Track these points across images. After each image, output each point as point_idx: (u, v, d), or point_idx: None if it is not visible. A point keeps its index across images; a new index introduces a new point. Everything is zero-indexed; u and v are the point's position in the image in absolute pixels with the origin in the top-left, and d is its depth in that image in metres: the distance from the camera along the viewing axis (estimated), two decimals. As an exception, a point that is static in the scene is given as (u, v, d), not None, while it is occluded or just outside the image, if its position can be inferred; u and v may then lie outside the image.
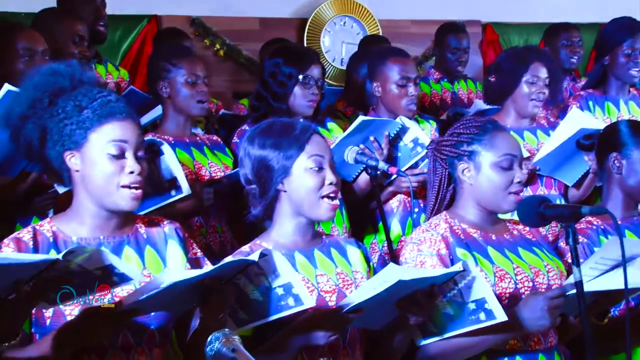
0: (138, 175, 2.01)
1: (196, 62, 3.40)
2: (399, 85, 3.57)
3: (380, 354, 2.35)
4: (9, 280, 1.65)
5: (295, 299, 2.07)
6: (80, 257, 1.71)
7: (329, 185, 2.25)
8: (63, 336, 1.88)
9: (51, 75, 2.04)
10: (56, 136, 2.02)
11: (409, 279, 2.04)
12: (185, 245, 2.20)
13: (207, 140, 3.45)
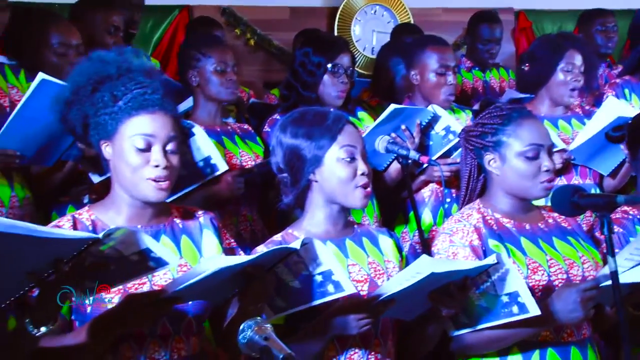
0: (164, 169, 2.01)
1: (225, 51, 3.41)
2: (438, 74, 3.55)
3: (412, 345, 2.34)
4: (50, 258, 1.65)
5: (335, 286, 2.07)
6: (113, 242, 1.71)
7: (362, 175, 2.25)
8: (103, 323, 1.90)
9: (99, 63, 2.05)
10: (94, 124, 2.04)
11: (441, 271, 2.03)
12: (220, 235, 2.21)
13: (238, 129, 3.46)
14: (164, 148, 2.03)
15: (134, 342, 2.01)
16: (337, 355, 2.22)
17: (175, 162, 2.04)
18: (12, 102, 2.92)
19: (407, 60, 3.70)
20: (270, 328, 1.61)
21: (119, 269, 1.78)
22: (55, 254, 1.65)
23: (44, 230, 1.61)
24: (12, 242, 1.54)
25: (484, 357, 2.36)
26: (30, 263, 1.64)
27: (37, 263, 1.65)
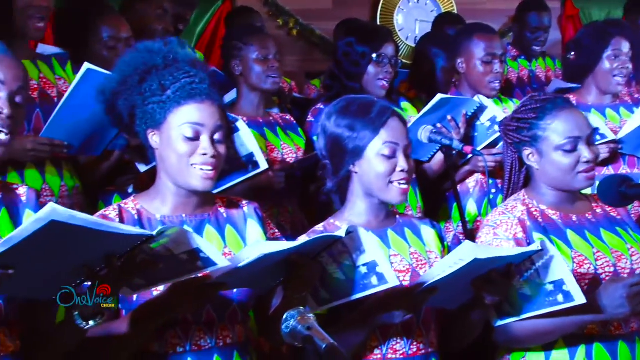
0: (212, 157, 2.02)
1: (267, 39, 3.43)
2: (484, 62, 3.51)
3: (454, 334, 2.33)
4: (103, 252, 1.68)
5: (379, 278, 2.06)
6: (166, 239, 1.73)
7: (400, 172, 2.23)
8: (149, 310, 1.93)
9: (146, 53, 2.07)
10: (141, 114, 2.06)
11: (484, 257, 2.01)
12: (264, 225, 2.22)
13: (280, 119, 3.47)
14: (212, 137, 2.04)
15: (180, 330, 2.03)
16: (379, 345, 2.22)
17: (222, 151, 2.06)
18: (59, 93, 2.96)
19: (454, 49, 3.67)
20: (313, 318, 1.61)
21: (168, 267, 1.80)
22: (109, 249, 1.68)
23: (102, 224, 1.63)
24: (71, 234, 1.57)
25: (528, 350, 2.34)
26: (84, 256, 1.67)
27: (90, 257, 1.68)
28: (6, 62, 1.86)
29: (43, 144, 2.76)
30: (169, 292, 1.90)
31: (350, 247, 2.05)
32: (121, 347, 1.95)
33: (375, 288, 2.07)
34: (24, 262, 1.60)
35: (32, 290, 1.73)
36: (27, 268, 1.62)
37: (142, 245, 1.70)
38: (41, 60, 3.00)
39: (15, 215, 1.92)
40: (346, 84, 3.42)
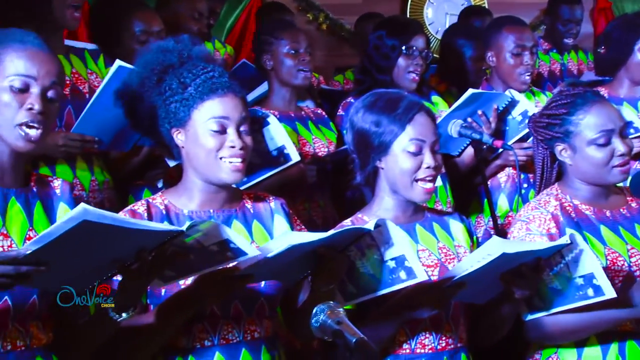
0: (240, 149, 2.03)
1: (298, 33, 3.43)
2: (514, 55, 3.49)
3: (484, 329, 2.32)
4: (134, 248, 1.71)
5: (407, 272, 2.06)
6: (199, 232, 1.75)
7: (426, 169, 2.22)
8: (177, 302, 1.94)
9: (160, 53, 2.09)
10: (163, 113, 2.07)
11: (513, 251, 2.00)
12: (291, 220, 2.22)
13: (312, 113, 3.47)
14: (238, 129, 2.05)
15: (208, 324, 2.04)
16: (408, 339, 2.22)
17: (249, 142, 2.07)
18: (91, 88, 2.98)
19: (484, 42, 3.64)
20: (343, 312, 1.62)
21: (198, 258, 1.82)
22: (140, 244, 1.70)
23: (133, 222, 1.67)
24: (103, 232, 1.60)
25: (560, 347, 2.32)
26: (115, 251, 1.70)
27: (122, 252, 1.71)
28: (40, 56, 1.85)
29: (74, 139, 2.79)
30: (197, 283, 1.91)
31: (378, 240, 2.05)
32: (150, 340, 1.97)
33: (403, 282, 2.07)
34: (56, 258, 1.63)
35: (65, 284, 1.76)
36: (59, 264, 1.65)
37: (173, 240, 1.72)
38: (74, 53, 3.02)
39: (50, 208, 1.94)
40: (377, 77, 3.42)
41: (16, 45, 1.83)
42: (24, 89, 1.82)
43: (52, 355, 1.91)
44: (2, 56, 1.82)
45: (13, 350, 1.82)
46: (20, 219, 1.87)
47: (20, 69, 1.82)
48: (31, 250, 1.59)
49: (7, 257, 1.60)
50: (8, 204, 1.87)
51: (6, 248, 1.83)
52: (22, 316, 1.83)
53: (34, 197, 1.92)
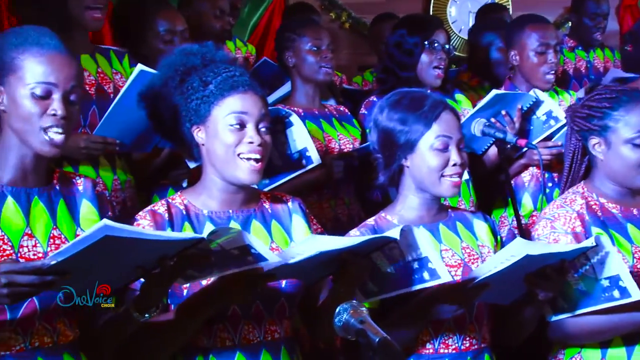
0: (258, 146, 2.03)
1: (320, 30, 3.42)
2: (538, 53, 3.46)
3: (508, 330, 2.31)
4: (156, 256, 1.73)
5: (431, 273, 2.06)
6: (223, 238, 1.76)
7: (453, 166, 2.21)
8: (200, 300, 1.96)
9: (184, 55, 2.10)
10: (184, 112, 2.08)
11: (537, 253, 1.99)
12: (309, 220, 2.23)
13: (335, 111, 3.47)
14: (257, 126, 2.05)
15: (229, 324, 2.04)
16: (431, 339, 2.21)
17: (268, 140, 2.07)
18: (116, 87, 3.00)
19: (507, 41, 3.62)
20: (366, 311, 1.62)
21: (220, 261, 1.83)
22: (163, 251, 1.73)
23: (153, 234, 1.71)
24: (124, 244, 1.63)
25: (583, 347, 2.30)
26: (138, 259, 1.73)
27: (144, 259, 1.74)
28: (59, 60, 1.85)
29: (96, 142, 2.81)
30: (220, 282, 1.92)
31: (402, 243, 2.04)
32: (171, 338, 1.98)
33: (426, 283, 2.07)
34: (79, 267, 1.66)
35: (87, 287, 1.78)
36: (82, 272, 1.68)
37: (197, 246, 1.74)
38: (100, 53, 3.04)
39: (73, 205, 1.96)
40: (400, 75, 3.42)
41: (34, 50, 1.83)
42: (45, 96, 1.82)
43: (79, 352, 1.93)
44: (21, 62, 1.82)
45: (41, 347, 1.84)
46: (44, 219, 1.89)
47: (40, 76, 1.82)
48: (55, 261, 1.62)
49: (32, 267, 1.63)
50: (31, 204, 1.89)
51: (31, 248, 1.85)
52: (48, 314, 1.85)
53: (57, 195, 1.93)
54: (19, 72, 1.82)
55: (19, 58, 1.82)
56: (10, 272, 1.61)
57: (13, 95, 1.82)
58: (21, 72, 1.82)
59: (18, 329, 1.81)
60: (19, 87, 1.82)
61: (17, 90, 1.82)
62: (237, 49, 4.44)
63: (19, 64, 1.82)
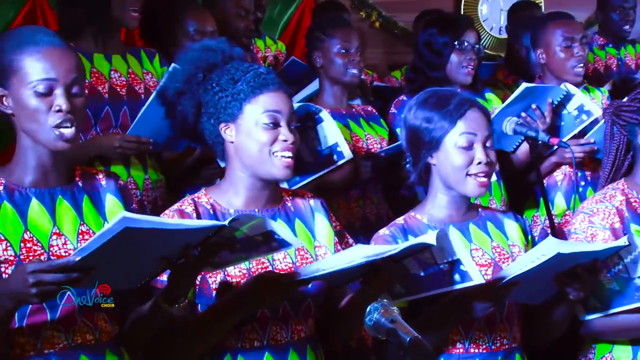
0: (291, 144, 2.05)
1: (349, 32, 3.41)
2: (564, 47, 3.44)
3: (539, 330, 2.29)
4: (179, 245, 1.74)
5: (461, 276, 2.05)
6: (246, 226, 1.77)
7: (478, 164, 2.20)
8: (233, 302, 1.96)
9: (204, 51, 2.11)
10: (211, 109, 2.09)
11: (569, 252, 1.97)
12: (330, 218, 2.23)
13: (363, 111, 3.47)
14: (289, 124, 2.07)
15: (257, 325, 2.05)
16: (461, 339, 2.20)
17: (298, 139, 2.09)
18: (146, 88, 3.02)
19: (532, 41, 3.60)
20: (397, 311, 1.62)
21: (245, 248, 1.85)
22: (186, 240, 1.74)
23: (174, 223, 1.72)
24: (146, 234, 1.64)
25: (615, 343, 2.29)
26: (162, 249, 1.74)
27: (168, 249, 1.74)
28: (56, 54, 1.84)
29: (130, 141, 2.84)
30: (253, 285, 1.93)
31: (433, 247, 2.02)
32: (201, 339, 2.00)
33: (458, 285, 2.06)
34: (104, 262, 1.67)
35: (115, 282, 1.80)
36: (108, 266, 1.69)
37: (217, 233, 1.75)
38: (130, 53, 3.07)
39: (97, 200, 1.98)
40: (429, 74, 3.40)
41: (30, 48, 1.83)
42: (47, 92, 1.82)
43: (120, 348, 1.95)
44: (20, 63, 1.82)
45: (83, 344, 1.87)
46: (71, 216, 1.91)
47: (40, 73, 1.82)
48: (79, 257, 1.64)
49: (57, 265, 1.64)
50: (56, 203, 1.90)
51: (61, 246, 1.87)
52: (88, 311, 1.87)
53: (80, 192, 1.95)
54: (20, 73, 1.82)
55: (18, 59, 1.82)
56: (36, 271, 1.63)
57: (18, 96, 1.83)
58: (22, 72, 1.82)
59: (60, 327, 1.84)
60: (22, 87, 1.82)
61: (20, 90, 1.83)
62: (267, 47, 4.45)
63: (18, 64, 1.82)
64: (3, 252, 1.81)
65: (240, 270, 2.03)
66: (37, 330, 1.82)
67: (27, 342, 1.82)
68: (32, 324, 1.81)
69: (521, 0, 5.49)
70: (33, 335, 1.82)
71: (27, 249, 1.83)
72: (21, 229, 1.84)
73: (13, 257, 1.81)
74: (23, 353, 1.82)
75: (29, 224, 1.85)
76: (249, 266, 2.04)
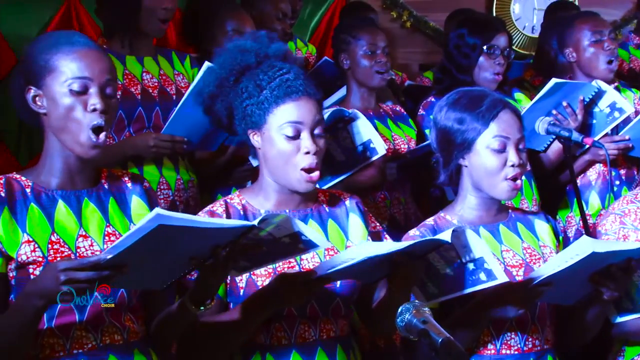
0: (314, 155, 2.04)
1: (376, 33, 3.40)
2: (593, 43, 3.40)
3: (572, 331, 2.27)
4: (209, 246, 1.75)
5: (487, 274, 2.04)
6: (272, 226, 1.78)
7: (510, 167, 2.18)
8: (259, 300, 1.97)
9: (238, 52, 2.11)
10: (240, 115, 2.10)
11: (603, 251, 1.95)
12: (366, 219, 2.22)
13: (391, 111, 3.46)
14: (312, 133, 2.06)
15: (285, 323, 2.06)
16: (493, 340, 2.19)
17: (322, 145, 2.08)
18: (178, 89, 3.05)
19: (560, 41, 3.57)
20: (429, 311, 1.61)
21: (271, 249, 1.85)
22: (215, 241, 1.74)
23: (206, 222, 1.73)
24: (178, 233, 1.65)
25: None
26: (192, 249, 1.75)
27: (198, 249, 1.75)
28: (91, 55, 1.87)
29: (164, 140, 2.87)
30: (278, 284, 1.94)
31: (456, 244, 2.03)
32: (231, 336, 2.01)
33: (484, 284, 2.05)
34: (135, 260, 1.68)
35: (143, 282, 1.82)
36: (138, 264, 1.70)
37: (246, 234, 1.75)
38: (162, 55, 3.10)
39: (123, 202, 2.00)
40: (457, 76, 3.38)
41: (66, 48, 1.86)
42: (82, 91, 1.85)
43: (148, 348, 1.97)
44: (55, 62, 1.85)
45: (112, 344, 1.89)
46: (97, 218, 1.93)
47: (75, 72, 1.84)
48: (111, 255, 1.65)
49: (89, 262, 1.65)
50: (82, 206, 1.92)
51: (87, 248, 1.89)
52: (115, 310, 1.89)
53: (106, 194, 1.97)
54: (55, 72, 1.85)
55: (53, 58, 1.85)
56: (68, 269, 1.64)
57: (52, 95, 1.85)
58: (57, 71, 1.85)
59: (88, 327, 1.86)
60: (56, 85, 1.85)
61: (55, 89, 1.85)
62: (298, 50, 4.47)
63: (53, 64, 1.85)
64: (31, 254, 1.83)
65: (266, 269, 2.04)
66: (67, 331, 1.84)
67: (56, 343, 1.84)
68: (61, 324, 1.83)
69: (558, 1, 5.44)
70: (62, 335, 1.84)
71: (54, 250, 1.85)
72: (48, 231, 1.86)
73: (41, 259, 1.83)
74: (52, 354, 1.84)
75: (55, 226, 1.87)
76: (274, 265, 2.04)
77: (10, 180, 1.88)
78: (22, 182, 1.89)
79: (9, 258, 1.82)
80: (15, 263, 1.82)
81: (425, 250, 2.01)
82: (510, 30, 4.28)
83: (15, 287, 1.83)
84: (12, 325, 1.74)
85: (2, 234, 1.82)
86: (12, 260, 1.82)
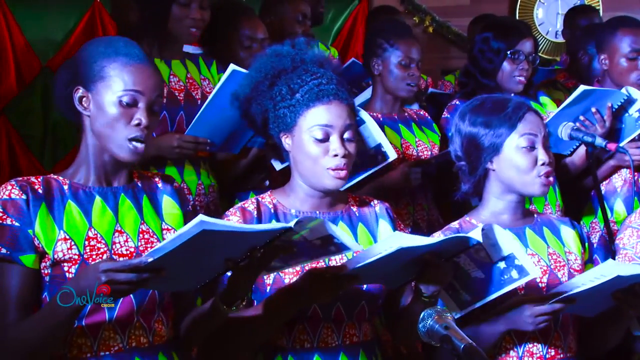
0: (343, 157, 2.05)
1: (413, 44, 3.35)
2: (629, 59, 3.34)
3: (593, 342, 2.26)
4: (245, 248, 1.77)
5: (519, 271, 2.03)
6: (306, 229, 1.79)
7: (542, 165, 2.18)
8: (285, 296, 1.98)
9: (274, 57, 2.13)
10: (273, 117, 2.12)
11: (628, 274, 1.94)
12: (395, 225, 2.23)
13: (415, 115, 3.45)
14: (342, 137, 2.07)
15: (308, 326, 2.07)
16: (514, 346, 2.18)
17: (352, 150, 2.09)
18: (203, 94, 3.06)
19: (597, 44, 3.52)
20: (451, 317, 1.61)
21: (302, 251, 1.86)
22: (252, 243, 1.76)
23: (246, 227, 1.75)
24: (218, 237, 1.67)
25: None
26: (228, 252, 1.77)
27: (234, 251, 1.77)
28: (146, 71, 1.91)
29: (188, 141, 2.88)
30: (305, 280, 1.94)
31: (486, 244, 2.02)
32: (256, 332, 2.02)
33: (516, 282, 2.04)
34: (174, 263, 1.70)
35: (177, 284, 1.83)
36: (176, 267, 1.72)
37: (281, 236, 1.76)
38: (189, 59, 3.12)
39: (156, 201, 2.02)
40: (481, 80, 3.36)
41: (123, 59, 1.89)
42: (132, 104, 1.88)
43: (172, 352, 1.98)
44: (111, 70, 1.88)
45: (137, 347, 1.90)
46: (132, 215, 1.95)
47: (129, 84, 1.88)
48: (152, 258, 1.66)
49: (130, 265, 1.67)
50: (119, 202, 1.95)
51: (123, 244, 1.91)
52: (145, 311, 1.91)
53: (140, 192, 2.00)
54: (108, 80, 1.88)
55: (109, 67, 1.88)
56: (109, 270, 1.66)
57: (100, 101, 1.89)
58: (110, 80, 1.88)
59: (117, 328, 1.88)
60: (107, 94, 1.88)
61: (104, 97, 1.88)
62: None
63: (108, 72, 1.88)
64: (68, 251, 1.85)
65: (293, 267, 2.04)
66: (95, 331, 1.86)
67: (84, 344, 1.85)
68: (91, 324, 1.85)
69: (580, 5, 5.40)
70: (91, 336, 1.86)
71: (90, 247, 1.87)
72: (86, 227, 1.89)
73: (77, 257, 1.86)
74: (80, 354, 1.86)
75: (93, 222, 1.90)
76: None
77: (49, 179, 1.91)
78: (59, 180, 1.92)
79: (44, 255, 1.85)
80: (51, 260, 1.84)
81: (453, 252, 2.00)
82: (536, 38, 4.23)
83: (49, 285, 1.85)
84: (48, 323, 1.75)
85: (39, 231, 1.84)
86: (47, 258, 1.84)
